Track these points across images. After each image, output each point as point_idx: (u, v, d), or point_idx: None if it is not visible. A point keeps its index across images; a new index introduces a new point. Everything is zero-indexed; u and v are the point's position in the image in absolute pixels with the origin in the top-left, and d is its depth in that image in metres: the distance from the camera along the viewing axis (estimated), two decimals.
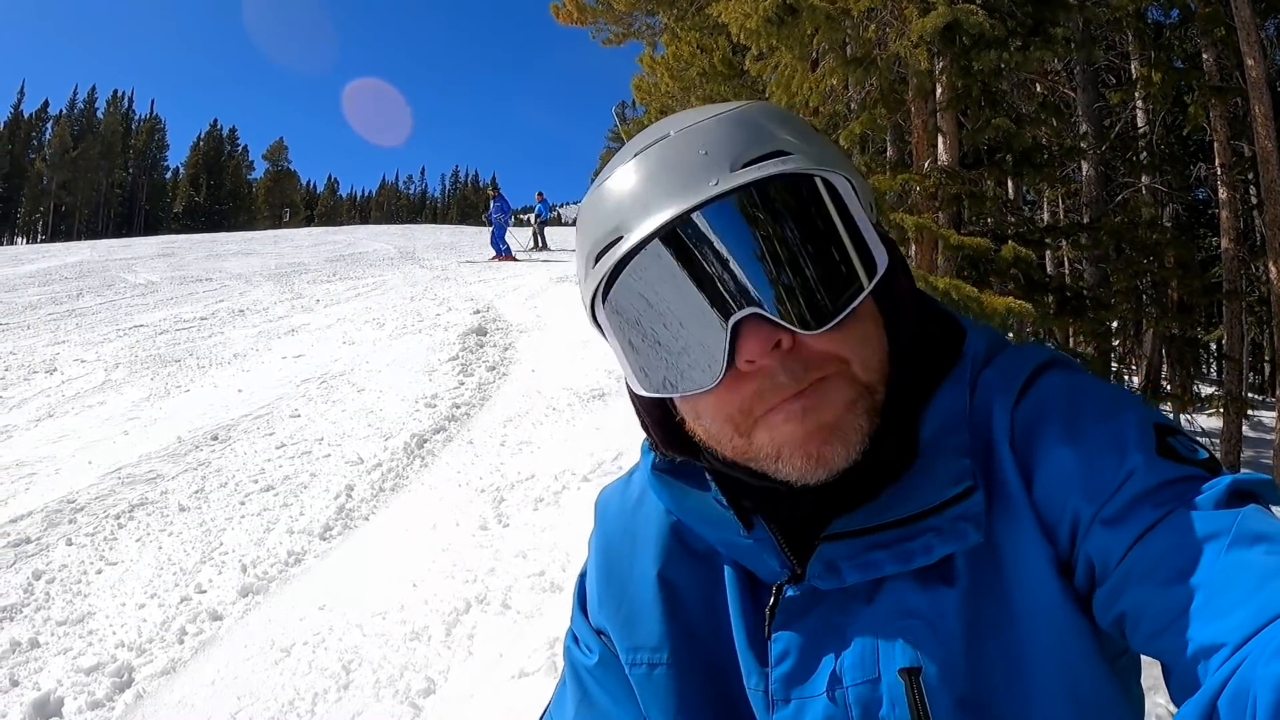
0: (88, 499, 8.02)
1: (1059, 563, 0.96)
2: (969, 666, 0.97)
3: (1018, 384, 1.06)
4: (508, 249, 27.61)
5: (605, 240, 1.00)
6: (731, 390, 0.98)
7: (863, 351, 0.99)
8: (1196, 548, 0.84)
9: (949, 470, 1.01)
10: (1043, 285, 10.43)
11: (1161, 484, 0.91)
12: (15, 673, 5.23)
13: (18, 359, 14.51)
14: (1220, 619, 0.78)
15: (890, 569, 1.00)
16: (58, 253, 30.14)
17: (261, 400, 11.76)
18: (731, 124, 1.00)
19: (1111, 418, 0.99)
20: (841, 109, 10.63)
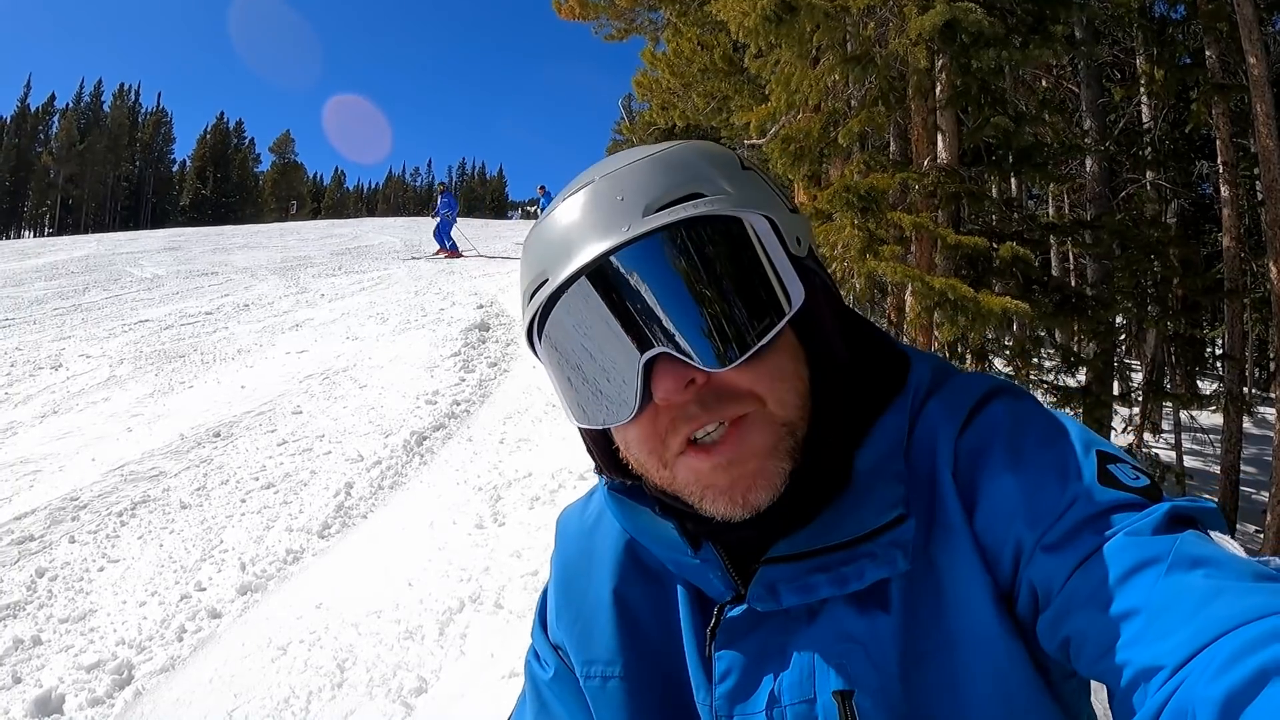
0: (91, 496, 8.09)
1: (998, 591, 0.98)
2: (904, 690, 0.99)
3: (962, 414, 1.08)
4: (453, 244, 27.29)
5: (534, 282, 1.05)
6: (651, 422, 1.02)
7: (778, 388, 1.02)
8: (1135, 573, 0.85)
9: (884, 497, 1.03)
10: (1042, 284, 10.44)
11: (1102, 511, 0.93)
12: (18, 670, 5.31)
13: (23, 354, 14.57)
14: (1159, 642, 0.79)
15: (826, 592, 1.02)
16: (64, 246, 30.20)
17: (264, 396, 11.81)
18: (652, 168, 1.04)
19: (1054, 446, 1.01)
20: (841, 106, 10.63)
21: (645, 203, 0.99)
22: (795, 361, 1.05)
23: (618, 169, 1.04)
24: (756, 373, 1.00)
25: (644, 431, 1.03)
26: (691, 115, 17.62)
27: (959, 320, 8.56)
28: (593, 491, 1.41)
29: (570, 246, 1.00)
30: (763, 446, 1.01)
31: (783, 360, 1.03)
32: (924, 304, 8.75)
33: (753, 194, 1.06)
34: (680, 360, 0.97)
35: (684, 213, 0.98)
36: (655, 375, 0.97)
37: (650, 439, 1.03)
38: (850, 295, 10.54)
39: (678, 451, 1.02)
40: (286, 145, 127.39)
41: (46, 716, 4.88)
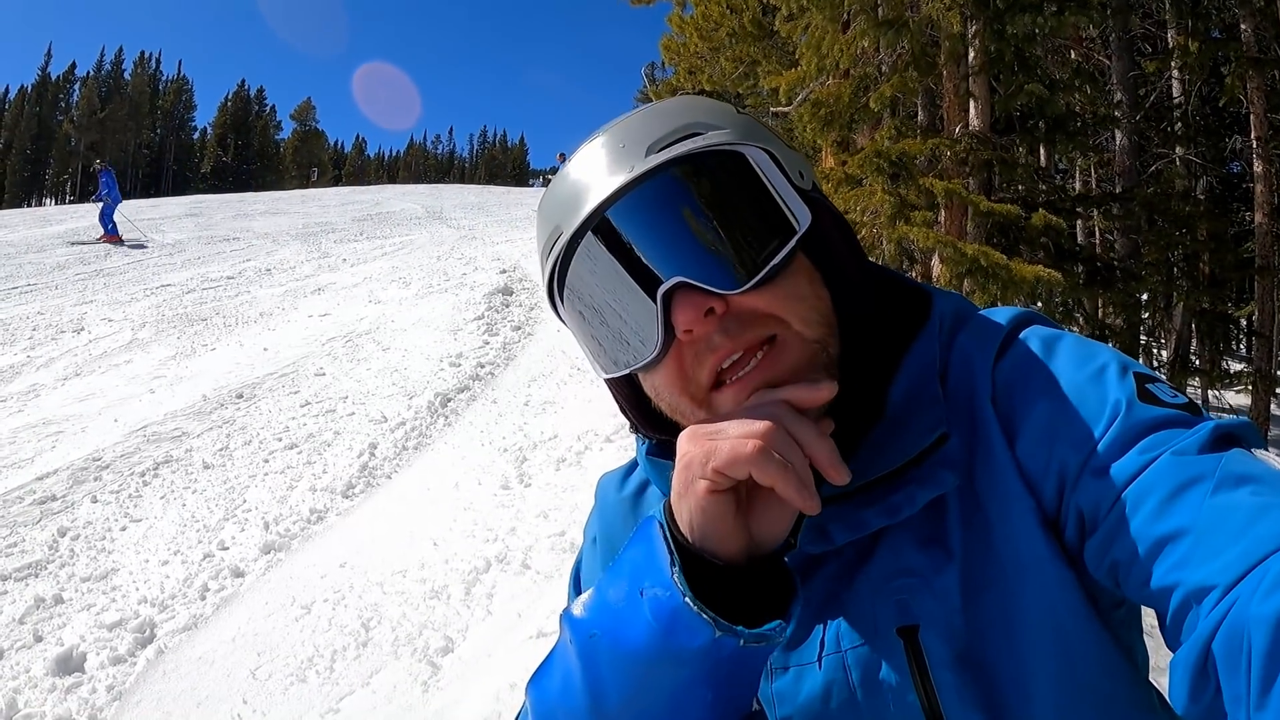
0: (113, 457, 8.07)
1: (1044, 517, 0.97)
2: (966, 622, 0.98)
3: (996, 342, 1.07)
4: (114, 228, 25.88)
5: (550, 238, 1.05)
6: (677, 361, 1.00)
7: (799, 308, 1.00)
8: (1182, 492, 0.84)
9: (923, 422, 1.02)
10: (1073, 255, 10.32)
11: (1145, 430, 0.91)
12: (39, 628, 5.27)
13: (45, 319, 14.61)
14: (1209, 562, 0.78)
15: (877, 523, 1.01)
16: (85, 213, 30.21)
17: (287, 359, 11.82)
18: (650, 115, 1.05)
19: (1091, 368, 1.00)
20: (873, 71, 10.47)
21: (645, 145, 1.00)
22: (812, 283, 1.03)
23: (618, 123, 1.06)
24: (774, 295, 0.98)
25: (671, 372, 1.01)
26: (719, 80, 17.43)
27: (990, 288, 8.45)
28: (633, 462, 1.37)
29: (579, 197, 1.01)
30: (797, 364, 0.99)
31: (799, 281, 1.01)
32: (955, 271, 8.63)
33: (750, 130, 1.06)
34: (698, 289, 0.95)
35: (684, 148, 0.98)
36: (675, 308, 0.96)
37: (679, 379, 1.01)
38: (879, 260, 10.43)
39: (708, 386, 1.00)
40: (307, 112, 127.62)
41: (68, 674, 4.82)
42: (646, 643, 0.88)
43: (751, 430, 0.89)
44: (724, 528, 0.90)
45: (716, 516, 0.90)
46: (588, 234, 0.99)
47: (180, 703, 4.55)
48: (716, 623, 0.85)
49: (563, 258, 1.03)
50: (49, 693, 4.66)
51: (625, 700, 0.91)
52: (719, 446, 0.89)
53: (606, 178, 0.99)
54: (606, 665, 0.92)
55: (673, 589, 0.87)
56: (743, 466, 0.87)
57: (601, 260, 0.99)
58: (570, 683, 0.96)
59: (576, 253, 1.01)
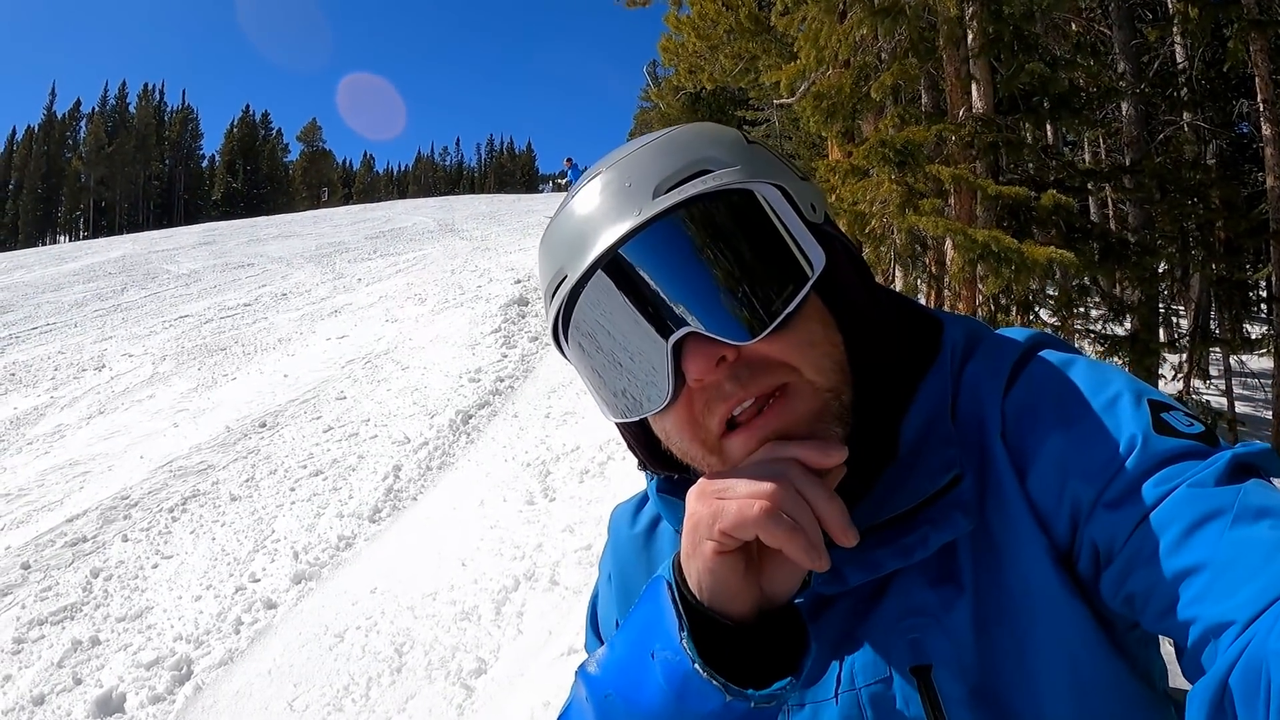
0: (141, 494, 8.13)
1: (1056, 552, 0.96)
2: (979, 658, 0.97)
3: (1004, 374, 1.06)
4: None
5: (554, 280, 1.03)
6: (688, 407, 0.99)
7: (811, 355, 0.99)
8: (1200, 526, 0.83)
9: (935, 462, 1.01)
10: (1085, 232, 10.24)
11: (1161, 462, 0.90)
12: (78, 671, 5.33)
13: (66, 358, 14.70)
14: (1227, 597, 0.78)
15: (891, 565, 1.01)
16: (100, 248, 30.43)
17: (307, 384, 11.86)
18: (656, 152, 1.02)
19: (1103, 398, 0.99)
20: (872, 60, 10.42)
21: (653, 185, 0.97)
22: (826, 328, 1.02)
23: (624, 157, 1.03)
24: (787, 342, 0.97)
25: (681, 418, 1.00)
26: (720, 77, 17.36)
27: (1004, 272, 8.41)
28: (644, 494, 1.36)
29: (584, 239, 0.98)
30: (809, 412, 0.98)
31: (812, 327, 1.00)
32: (967, 257, 8.59)
33: (760, 165, 1.04)
34: (708, 338, 0.94)
35: (693, 189, 0.96)
36: (686, 357, 0.95)
37: (689, 425, 1.00)
38: (890, 250, 10.40)
39: (718, 434, 0.99)
40: (314, 133, 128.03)
41: (109, 715, 4.89)
42: (660, 705, 0.89)
43: (759, 491, 0.88)
44: (733, 588, 0.91)
45: (725, 577, 0.90)
46: (594, 278, 0.97)
47: None
48: (727, 688, 0.86)
49: (567, 300, 1.01)
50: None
51: None
52: (726, 507, 0.89)
53: (613, 220, 0.97)
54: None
55: (682, 654, 0.87)
56: (750, 529, 0.87)
57: (608, 305, 0.98)
58: None
59: (582, 296, 0.99)
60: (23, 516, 7.97)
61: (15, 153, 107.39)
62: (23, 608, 6.13)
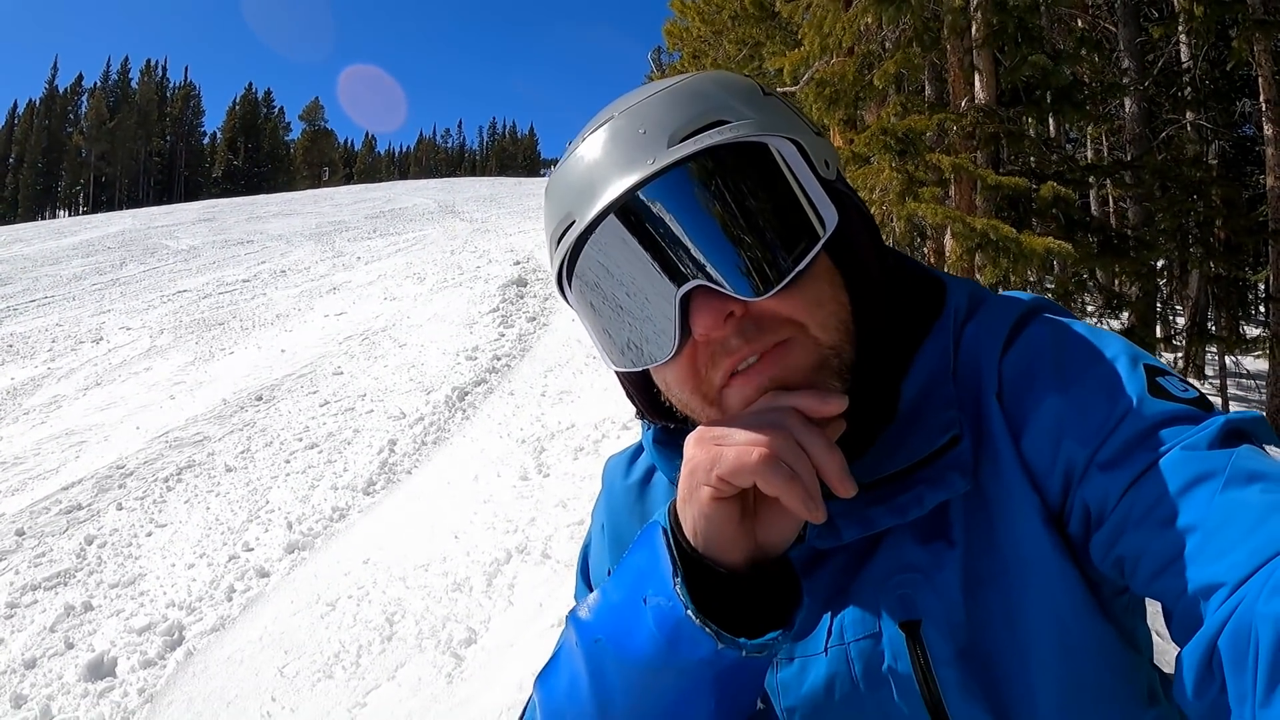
0: (136, 464, 8.16)
1: (1048, 513, 0.96)
2: (968, 617, 0.97)
3: (1002, 335, 1.05)
4: None
5: (560, 225, 1.01)
6: (691, 359, 0.98)
7: (818, 313, 0.97)
8: (1192, 489, 0.83)
9: (936, 422, 1.01)
10: (1084, 225, 10.24)
11: (1155, 425, 0.90)
12: (70, 635, 5.35)
13: (64, 330, 14.77)
14: (1218, 559, 0.78)
15: (886, 523, 1.00)
16: (100, 223, 30.41)
17: (305, 359, 11.92)
18: (672, 98, 0.99)
19: (1100, 361, 0.99)
20: (876, 49, 10.41)
21: (668, 134, 0.95)
22: (834, 287, 1.00)
23: (637, 103, 1.00)
24: (795, 300, 0.95)
25: (684, 370, 0.99)
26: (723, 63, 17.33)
27: (1001, 262, 8.42)
28: (639, 445, 1.35)
29: (594, 185, 0.96)
30: (807, 364, 0.96)
31: (821, 286, 0.98)
32: (965, 245, 8.59)
33: (776, 119, 1.01)
34: (717, 292, 0.92)
35: (708, 140, 0.93)
36: (693, 310, 0.93)
37: (691, 377, 0.99)
38: (890, 238, 10.39)
39: (720, 387, 0.97)
40: (316, 112, 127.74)
41: (99, 679, 4.89)
42: (651, 652, 0.88)
43: (758, 439, 0.87)
44: (728, 535, 0.90)
45: (720, 524, 0.89)
46: (602, 225, 0.95)
47: (210, 703, 4.61)
48: (719, 635, 0.85)
49: (574, 247, 0.99)
50: (81, 698, 4.74)
51: (630, 704, 0.93)
52: (724, 453, 0.88)
53: (625, 167, 0.94)
54: (612, 671, 0.93)
55: (675, 600, 0.87)
56: (747, 475, 0.86)
57: (616, 254, 0.96)
58: (577, 685, 0.98)
59: (589, 243, 0.97)
60: (18, 484, 8.00)
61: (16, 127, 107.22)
62: (16, 573, 6.14)
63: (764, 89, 1.06)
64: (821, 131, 1.07)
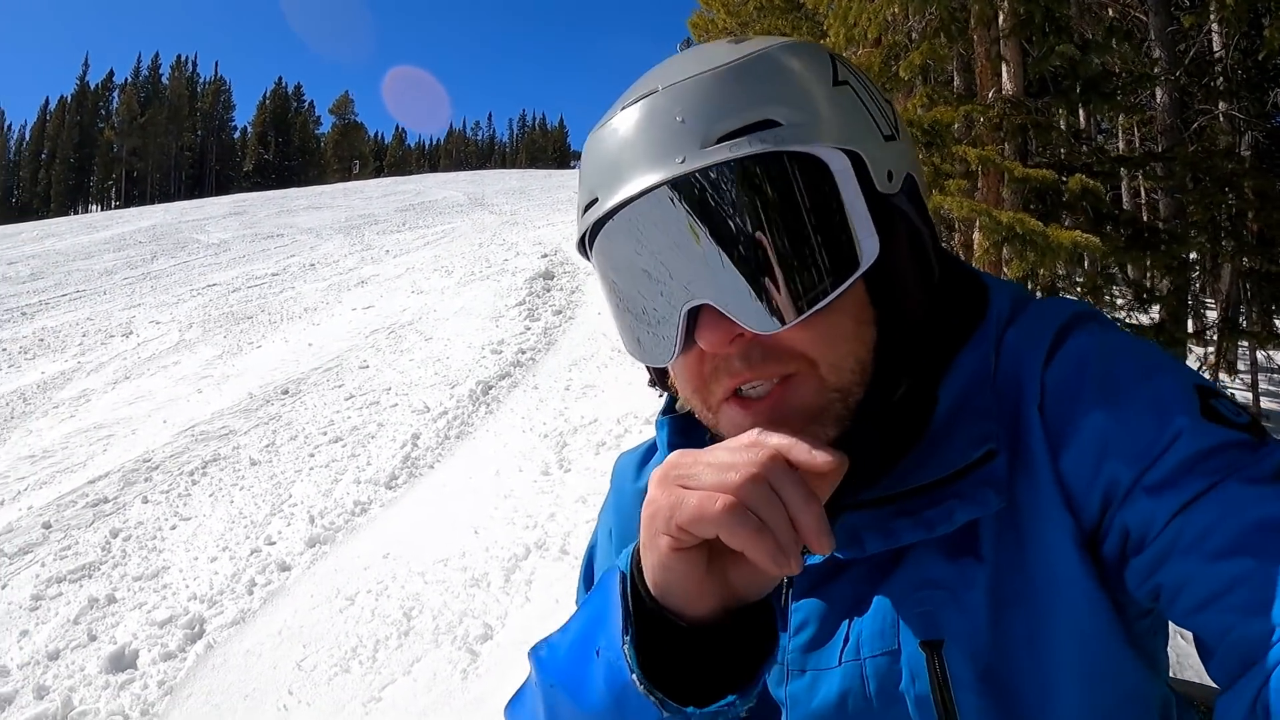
0: (163, 457, 8.23)
1: (1081, 535, 0.91)
2: (992, 640, 0.93)
3: (1045, 343, 0.99)
4: None
5: (586, 197, 0.98)
6: (698, 362, 0.95)
7: (833, 352, 0.92)
8: (1249, 523, 0.78)
9: (970, 434, 0.95)
10: (1112, 218, 10.12)
11: (1209, 450, 0.85)
12: (93, 628, 5.40)
13: (95, 324, 14.91)
14: (1271, 602, 0.73)
15: (912, 537, 0.95)
16: (131, 217, 30.71)
17: (331, 353, 11.99)
18: (722, 83, 0.91)
19: (1150, 379, 0.93)
20: (902, 39, 10.32)
21: (705, 129, 0.88)
22: (859, 322, 0.94)
23: (683, 80, 0.92)
24: (811, 333, 0.90)
25: (690, 369, 0.96)
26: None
27: (1028, 255, 8.33)
28: (651, 444, 1.29)
29: (621, 169, 0.91)
30: (807, 409, 0.92)
31: (844, 321, 0.92)
32: (991, 239, 8.51)
33: (839, 121, 0.93)
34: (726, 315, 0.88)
35: (746, 149, 0.86)
36: (700, 321, 0.90)
37: (695, 379, 0.96)
38: None
39: (721, 398, 0.95)
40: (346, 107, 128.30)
41: (121, 671, 4.95)
42: (600, 708, 0.85)
43: (726, 483, 0.78)
44: (690, 587, 0.83)
45: (681, 576, 0.82)
46: (621, 214, 0.91)
47: (228, 695, 4.65)
48: (663, 705, 0.80)
49: (594, 227, 0.95)
50: (103, 690, 4.79)
51: None
52: (686, 499, 0.80)
53: (653, 159, 0.89)
54: (566, 717, 0.91)
55: (622, 660, 0.82)
56: (709, 526, 0.78)
57: (630, 247, 0.92)
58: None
59: (606, 228, 0.93)
60: (46, 478, 8.09)
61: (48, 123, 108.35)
62: (42, 565, 6.21)
63: (839, 73, 0.98)
64: (897, 132, 1.00)
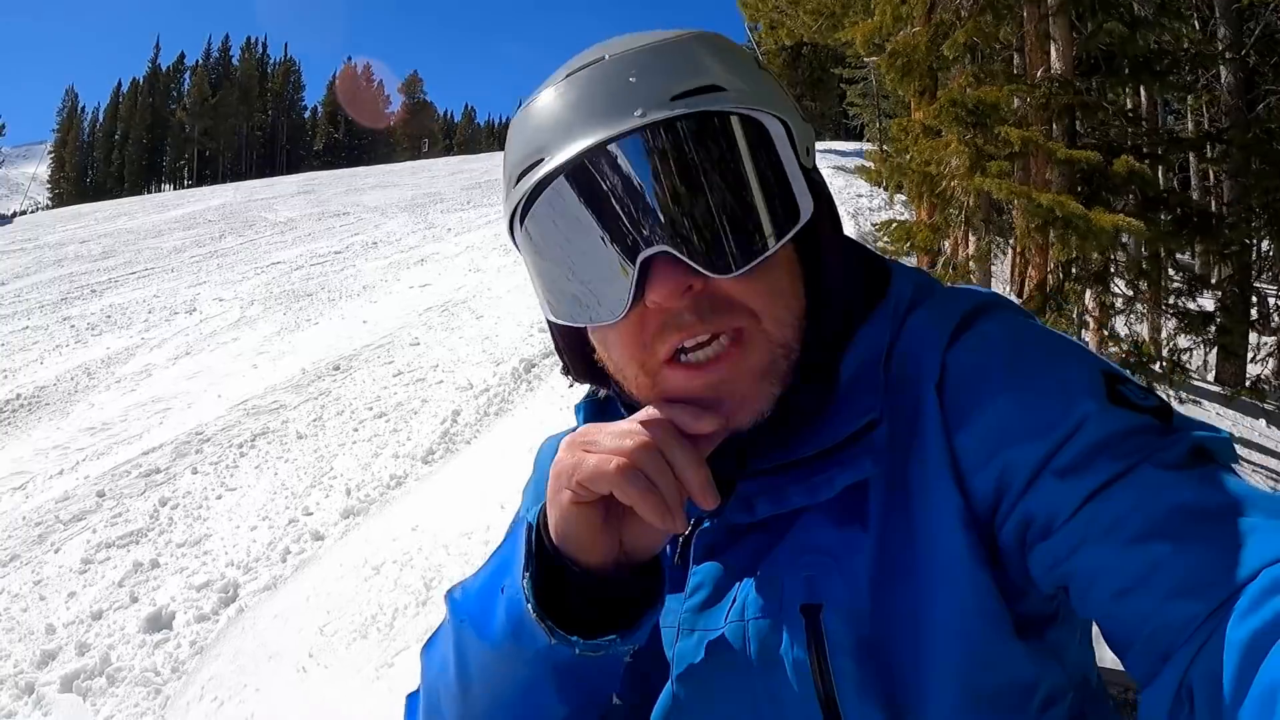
0: (214, 430, 8.53)
1: (971, 515, 0.93)
2: (873, 608, 0.95)
3: (950, 325, 1.02)
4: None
5: (527, 161, 0.97)
6: (638, 325, 0.95)
7: (775, 306, 0.97)
8: (1163, 509, 0.80)
9: (860, 406, 0.99)
10: (1161, 202, 9.91)
11: (1118, 434, 0.86)
12: (136, 590, 5.72)
13: (161, 301, 15.28)
14: (1191, 585, 0.75)
15: (798, 501, 0.99)
16: (202, 196, 31.31)
17: (384, 330, 12.19)
18: (669, 52, 0.97)
19: (1056, 362, 0.96)
20: (950, 17, 10.18)
21: (660, 87, 0.92)
22: (793, 278, 1.00)
23: (630, 50, 0.97)
24: (755, 286, 0.94)
25: (628, 334, 0.96)
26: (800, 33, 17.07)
27: (1069, 239, 8.21)
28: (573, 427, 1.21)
29: (573, 126, 0.93)
30: (757, 368, 0.96)
31: (781, 276, 0.98)
32: (1032, 222, 8.41)
33: (771, 95, 1.00)
34: (680, 263, 0.90)
35: (705, 105, 0.92)
36: (652, 276, 0.91)
37: (633, 343, 0.97)
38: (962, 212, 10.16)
39: (662, 360, 0.95)
40: (415, 85, 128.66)
41: (157, 631, 5.25)
42: (500, 639, 0.93)
43: (620, 447, 0.87)
44: (586, 538, 0.91)
45: (579, 527, 0.90)
46: (575, 168, 0.91)
47: (253, 656, 4.91)
48: (552, 631, 0.88)
49: (538, 185, 0.94)
50: (139, 648, 5.12)
51: (484, 687, 0.99)
52: (586, 460, 0.88)
53: (611, 113, 0.91)
54: (472, 652, 0.98)
55: (521, 593, 0.90)
56: (604, 483, 0.87)
57: (583, 201, 0.92)
58: (446, 661, 1.03)
59: (555, 184, 0.93)
60: (104, 448, 8.42)
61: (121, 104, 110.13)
62: (94, 531, 6.53)
63: (759, 62, 1.06)
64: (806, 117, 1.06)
